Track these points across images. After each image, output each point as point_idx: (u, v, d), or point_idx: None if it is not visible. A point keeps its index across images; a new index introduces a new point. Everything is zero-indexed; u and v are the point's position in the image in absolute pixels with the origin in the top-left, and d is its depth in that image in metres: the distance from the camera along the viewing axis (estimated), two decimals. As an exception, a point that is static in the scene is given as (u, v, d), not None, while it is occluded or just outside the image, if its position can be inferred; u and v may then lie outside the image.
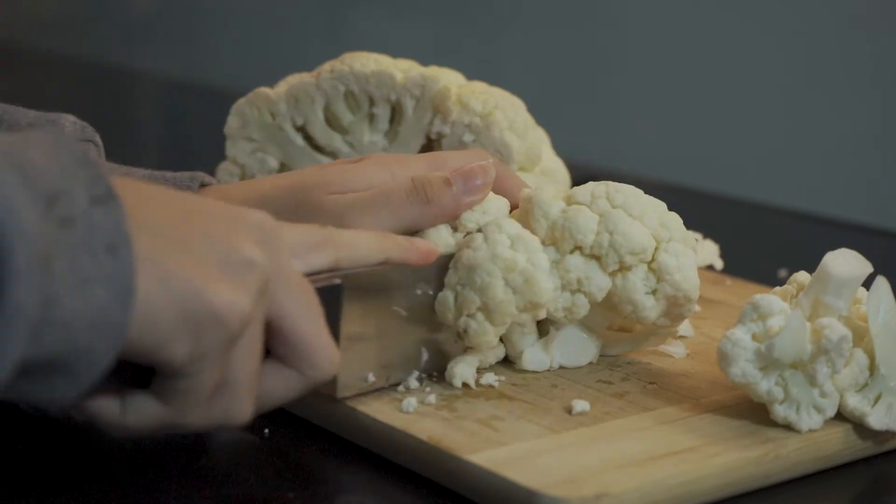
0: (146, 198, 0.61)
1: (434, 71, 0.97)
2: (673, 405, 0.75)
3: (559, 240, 0.77)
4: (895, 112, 1.84)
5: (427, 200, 0.77)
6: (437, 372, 0.78)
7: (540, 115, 0.99)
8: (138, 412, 0.62)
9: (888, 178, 1.84)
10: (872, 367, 0.73)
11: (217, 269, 0.60)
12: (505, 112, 0.93)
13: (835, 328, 0.69)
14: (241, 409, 0.64)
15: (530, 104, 1.00)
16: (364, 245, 0.71)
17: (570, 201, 0.79)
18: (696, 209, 1.36)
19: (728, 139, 1.99)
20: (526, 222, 0.78)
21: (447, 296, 0.76)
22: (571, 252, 0.77)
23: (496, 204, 0.80)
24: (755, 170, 1.94)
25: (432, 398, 0.75)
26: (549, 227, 0.78)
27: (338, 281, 0.70)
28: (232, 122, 0.96)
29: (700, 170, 1.89)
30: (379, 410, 0.73)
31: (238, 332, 0.61)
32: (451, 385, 0.77)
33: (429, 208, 0.77)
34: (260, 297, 0.63)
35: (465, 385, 0.77)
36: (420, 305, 0.76)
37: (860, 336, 0.73)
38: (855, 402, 0.72)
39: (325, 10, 2.39)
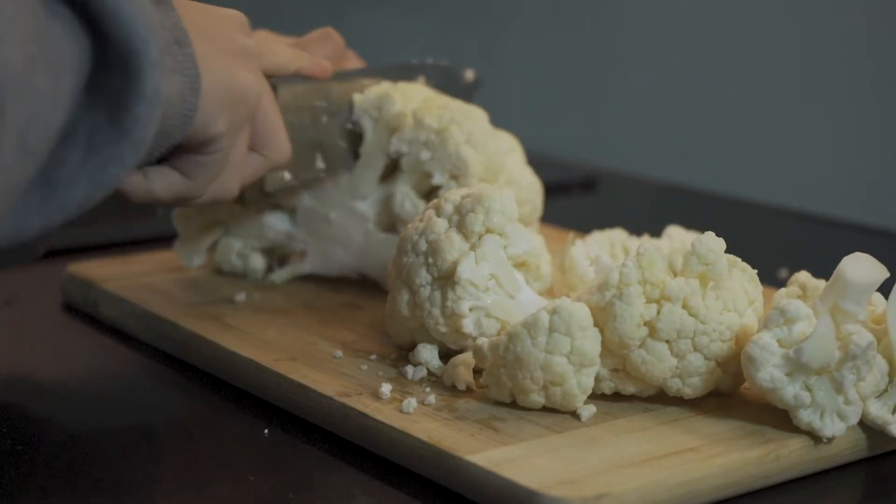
0: (186, 8, 0.70)
1: (401, 87, 0.96)
2: (673, 405, 0.75)
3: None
4: (895, 112, 1.84)
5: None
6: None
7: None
8: (163, 181, 0.73)
9: (888, 178, 1.84)
10: (892, 374, 0.73)
11: (234, 58, 0.73)
12: (461, 126, 0.91)
13: (862, 335, 0.69)
14: (234, 185, 0.77)
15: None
16: (281, 56, 0.85)
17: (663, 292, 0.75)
18: (696, 209, 1.36)
19: (728, 139, 1.99)
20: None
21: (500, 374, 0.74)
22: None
23: (500, 205, 0.79)
24: (755, 170, 1.94)
25: (432, 399, 0.75)
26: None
27: (276, 83, 0.84)
28: None
29: (700, 170, 1.89)
30: (379, 411, 0.73)
31: (256, 108, 0.75)
32: (451, 385, 0.77)
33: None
34: (259, 78, 0.75)
35: (467, 386, 0.77)
36: (319, 117, 0.90)
37: (877, 340, 0.72)
38: (876, 409, 0.72)
39: (326, 10, 2.39)
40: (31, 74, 0.57)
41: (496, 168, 0.93)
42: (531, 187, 0.96)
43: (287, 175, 0.89)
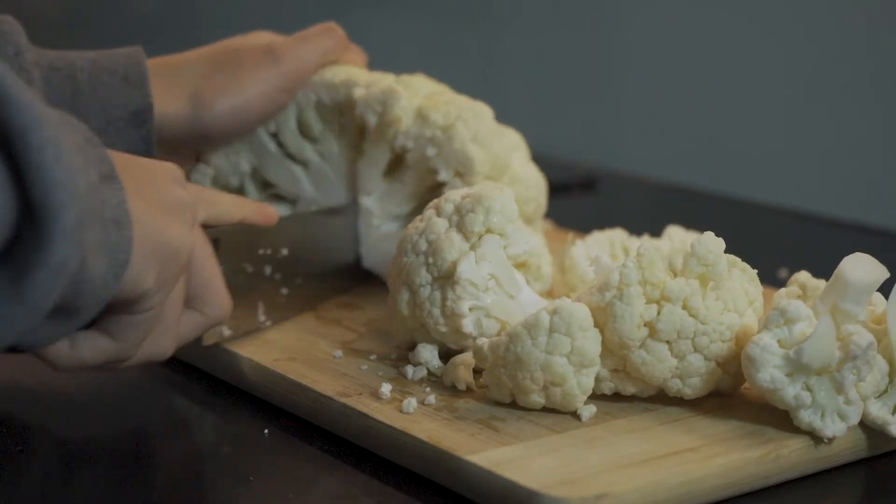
0: (122, 165, 0.67)
1: (405, 80, 0.96)
2: (674, 405, 0.75)
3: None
4: (895, 112, 1.84)
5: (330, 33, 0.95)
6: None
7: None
8: (89, 347, 0.69)
9: (888, 178, 1.84)
10: (892, 374, 0.73)
11: (166, 212, 0.69)
12: (467, 123, 0.91)
13: (862, 335, 0.69)
14: (169, 344, 0.73)
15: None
16: (225, 204, 0.81)
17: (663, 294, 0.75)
18: (696, 209, 1.36)
19: (728, 139, 1.99)
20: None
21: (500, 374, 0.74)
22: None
23: (500, 205, 0.79)
24: (755, 170, 1.94)
25: (432, 399, 0.75)
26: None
27: (215, 237, 0.80)
28: None
29: (700, 170, 1.89)
30: (379, 411, 0.73)
31: (185, 265, 0.71)
32: (451, 385, 0.77)
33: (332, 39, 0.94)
34: (193, 232, 0.72)
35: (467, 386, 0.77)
36: (261, 265, 0.86)
37: (877, 340, 0.72)
38: (876, 409, 0.72)
39: (326, 10, 2.39)
40: None
41: (501, 165, 0.93)
42: (536, 185, 0.96)
43: (226, 330, 0.83)
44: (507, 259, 0.79)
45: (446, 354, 0.80)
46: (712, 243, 0.75)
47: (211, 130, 0.92)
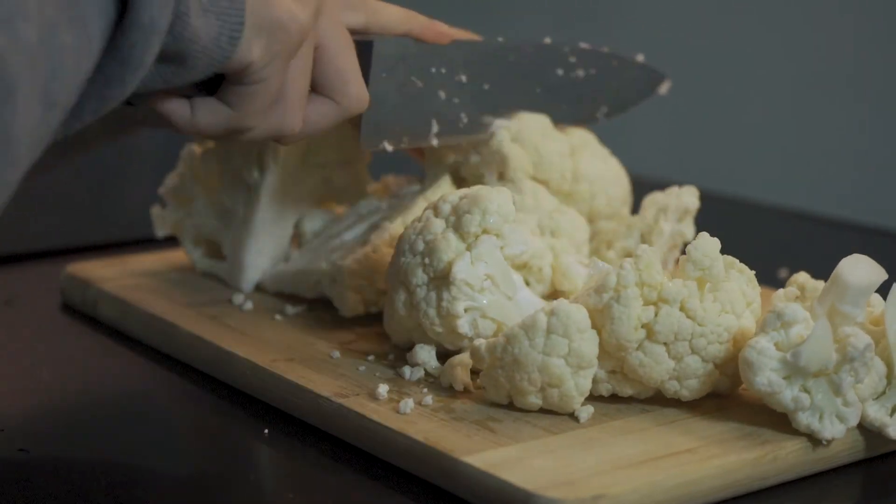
0: None
1: None
2: (671, 406, 0.75)
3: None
4: (895, 112, 1.84)
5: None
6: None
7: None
8: (208, 113, 0.73)
9: (888, 178, 1.84)
10: (890, 376, 0.73)
11: None
12: (509, 126, 0.92)
13: (859, 336, 0.69)
14: (292, 121, 0.75)
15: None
16: (392, 15, 0.83)
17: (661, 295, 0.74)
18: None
19: (728, 139, 1.99)
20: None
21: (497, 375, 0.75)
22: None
23: (497, 206, 0.79)
24: (755, 170, 1.94)
25: (430, 399, 0.75)
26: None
27: (370, 39, 0.81)
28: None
29: (700, 170, 1.89)
30: (376, 411, 0.73)
31: (298, 41, 0.72)
32: (448, 386, 0.77)
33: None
34: (315, 18, 0.73)
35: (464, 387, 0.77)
36: (435, 83, 0.87)
37: (875, 341, 0.72)
38: (874, 411, 0.72)
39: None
40: (51, 38, 0.57)
41: (550, 166, 0.93)
42: (600, 180, 0.95)
43: (389, 139, 0.86)
44: (505, 260, 0.79)
45: (444, 355, 0.80)
46: (708, 246, 0.74)
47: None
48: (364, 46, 0.81)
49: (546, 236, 0.90)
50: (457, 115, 0.90)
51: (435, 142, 0.90)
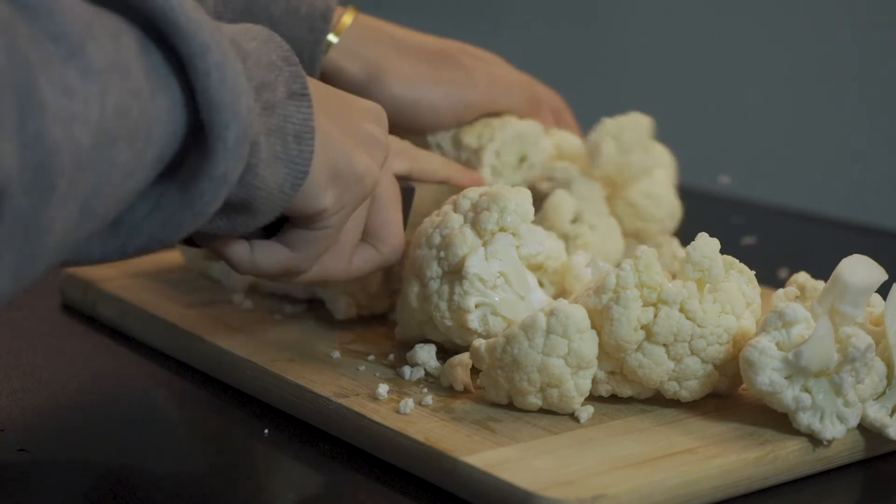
0: (317, 85, 0.73)
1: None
2: (671, 407, 0.75)
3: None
4: (895, 112, 1.84)
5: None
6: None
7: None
8: (268, 255, 0.75)
9: (888, 178, 1.84)
10: (890, 376, 0.73)
11: (357, 141, 0.74)
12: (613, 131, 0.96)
13: (861, 337, 0.69)
14: (343, 267, 0.78)
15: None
16: (433, 163, 0.88)
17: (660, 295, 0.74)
18: (696, 209, 1.35)
19: (728, 139, 1.99)
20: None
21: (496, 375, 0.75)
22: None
23: (515, 205, 0.79)
24: (756, 170, 1.94)
25: (430, 399, 0.75)
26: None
27: (412, 185, 0.85)
28: None
29: (700, 170, 1.88)
30: (376, 411, 0.73)
31: (370, 193, 0.75)
32: (448, 386, 0.77)
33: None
34: (382, 168, 0.77)
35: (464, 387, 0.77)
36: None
37: (875, 341, 0.72)
38: (875, 411, 0.72)
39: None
40: (105, 150, 0.57)
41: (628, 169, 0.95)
42: (654, 205, 0.96)
43: None
44: (520, 259, 0.79)
45: (444, 355, 0.80)
46: (707, 247, 0.74)
47: None
48: (406, 192, 0.84)
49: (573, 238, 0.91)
50: None
51: None
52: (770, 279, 0.99)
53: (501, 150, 0.94)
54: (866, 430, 0.72)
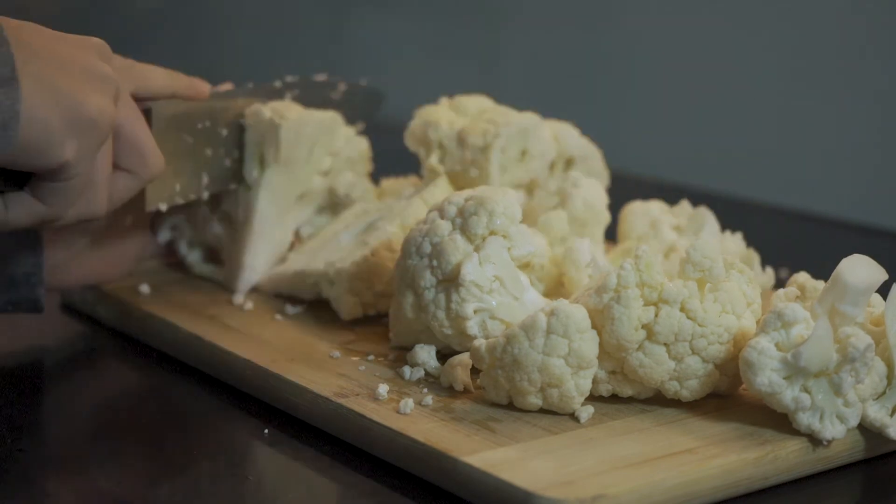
0: (31, 31, 0.73)
1: (460, 101, 0.99)
2: (671, 407, 0.75)
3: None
4: (895, 112, 1.84)
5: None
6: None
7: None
8: (20, 209, 0.75)
9: (888, 178, 1.84)
10: (890, 376, 0.72)
11: (85, 82, 0.74)
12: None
13: (860, 337, 0.69)
14: (100, 205, 0.79)
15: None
16: (158, 80, 0.88)
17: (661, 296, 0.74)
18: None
19: (728, 139, 1.99)
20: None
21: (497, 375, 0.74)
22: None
23: (503, 207, 0.79)
24: (755, 170, 1.94)
25: (430, 399, 0.75)
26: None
27: (149, 105, 0.87)
28: None
29: (700, 170, 1.88)
30: (376, 411, 0.73)
31: (109, 132, 0.76)
32: (448, 386, 0.77)
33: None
34: (116, 103, 0.77)
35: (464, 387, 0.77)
36: (202, 138, 0.92)
37: (875, 342, 0.72)
38: (875, 411, 0.72)
39: (327, 10, 2.39)
40: None
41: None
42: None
43: (170, 196, 0.91)
44: (512, 261, 0.79)
45: (444, 355, 0.80)
46: (707, 248, 0.74)
47: None
48: (144, 114, 0.85)
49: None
50: (221, 164, 0.94)
51: (206, 194, 0.93)
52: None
53: (506, 146, 0.94)
54: (866, 430, 0.72)
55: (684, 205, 0.99)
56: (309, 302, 0.93)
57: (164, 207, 0.89)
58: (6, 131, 0.70)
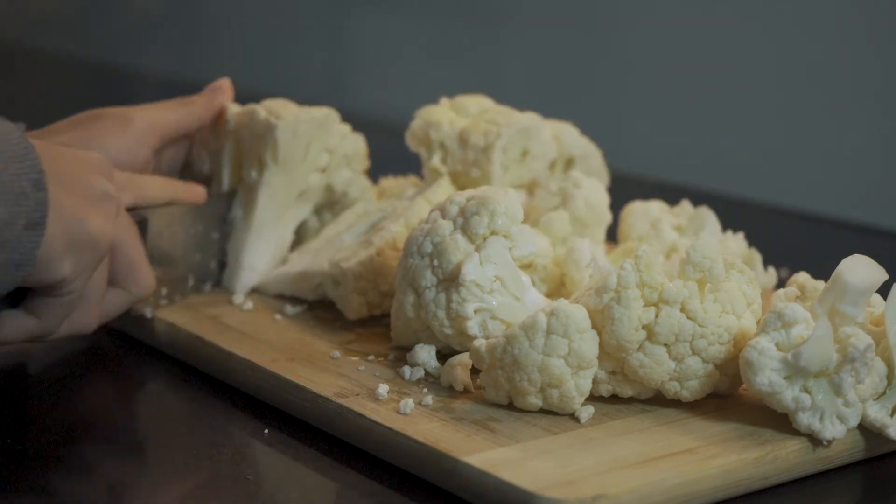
0: (49, 157, 0.74)
1: (460, 101, 0.99)
2: (671, 407, 0.75)
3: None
4: (895, 112, 1.84)
5: (189, 103, 0.96)
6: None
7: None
8: (14, 325, 0.78)
9: (888, 178, 1.84)
10: (890, 376, 0.73)
11: (87, 203, 0.76)
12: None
13: (860, 337, 0.69)
14: (90, 321, 0.80)
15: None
16: (155, 189, 0.89)
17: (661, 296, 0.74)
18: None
19: (728, 139, 1.99)
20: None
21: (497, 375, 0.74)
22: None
23: (505, 207, 0.79)
24: (755, 170, 1.94)
25: (430, 399, 0.75)
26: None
27: (145, 216, 0.88)
28: None
29: (700, 169, 1.89)
30: (376, 411, 0.73)
31: (106, 253, 0.78)
32: (449, 386, 0.77)
33: (191, 107, 0.95)
34: (115, 223, 0.78)
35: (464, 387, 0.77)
36: (192, 242, 0.94)
37: (875, 342, 0.72)
38: (875, 411, 0.72)
39: (327, 10, 2.39)
40: None
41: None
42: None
43: (156, 301, 0.91)
44: (513, 261, 0.79)
45: (444, 355, 0.80)
46: (707, 248, 0.74)
47: None
48: (141, 225, 0.87)
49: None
50: (207, 266, 0.96)
51: (189, 295, 0.94)
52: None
53: (507, 146, 0.94)
54: (866, 430, 0.72)
55: (685, 205, 0.99)
56: (309, 302, 0.93)
57: (149, 314, 0.89)
58: (18, 271, 0.71)
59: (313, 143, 0.96)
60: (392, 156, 1.10)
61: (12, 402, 0.81)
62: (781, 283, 0.83)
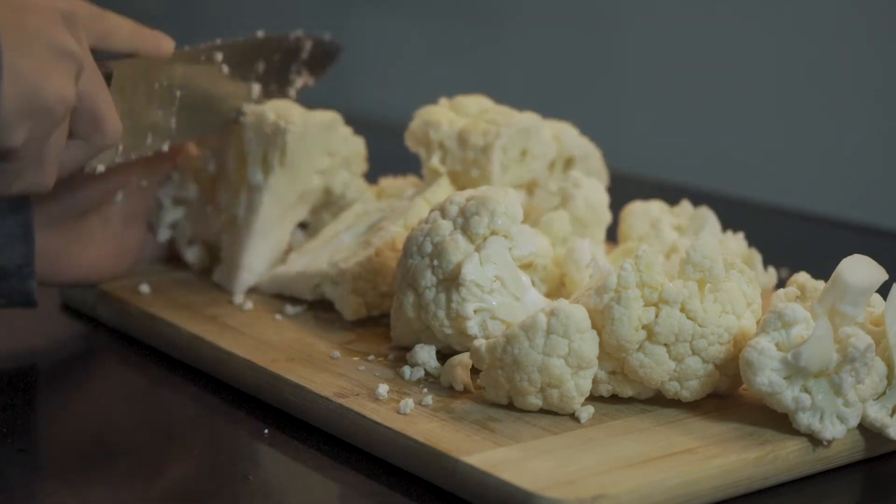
0: (4, 19, 0.70)
1: (460, 101, 0.99)
2: (671, 407, 0.75)
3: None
4: (895, 112, 1.84)
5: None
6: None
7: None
8: None
9: (888, 178, 1.84)
10: (890, 376, 0.73)
11: (48, 61, 0.71)
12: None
13: (860, 337, 0.69)
14: (46, 181, 0.76)
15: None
16: (122, 34, 0.84)
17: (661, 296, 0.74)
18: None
19: (728, 139, 1.99)
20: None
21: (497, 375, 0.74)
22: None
23: (505, 207, 0.79)
24: (755, 170, 1.94)
25: (430, 399, 0.75)
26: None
27: (110, 70, 0.84)
28: None
29: (700, 169, 1.89)
30: (376, 412, 0.73)
31: (63, 119, 0.73)
32: (449, 386, 0.77)
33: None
34: (76, 83, 0.74)
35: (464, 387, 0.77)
36: (155, 99, 0.90)
37: (875, 342, 0.72)
38: (875, 411, 0.72)
39: (326, 9, 2.39)
40: None
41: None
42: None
43: (111, 157, 0.87)
44: (513, 260, 0.79)
45: (444, 355, 0.80)
46: (707, 248, 0.74)
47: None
48: (105, 78, 0.83)
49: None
50: (168, 124, 0.92)
51: (150, 152, 0.91)
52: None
53: (507, 146, 0.94)
54: (866, 430, 0.72)
55: (685, 205, 0.99)
56: (309, 302, 0.93)
57: (101, 169, 0.86)
58: None
59: (318, 147, 0.96)
60: (391, 156, 1.10)
61: (10, 405, 0.81)
62: (781, 283, 0.83)
